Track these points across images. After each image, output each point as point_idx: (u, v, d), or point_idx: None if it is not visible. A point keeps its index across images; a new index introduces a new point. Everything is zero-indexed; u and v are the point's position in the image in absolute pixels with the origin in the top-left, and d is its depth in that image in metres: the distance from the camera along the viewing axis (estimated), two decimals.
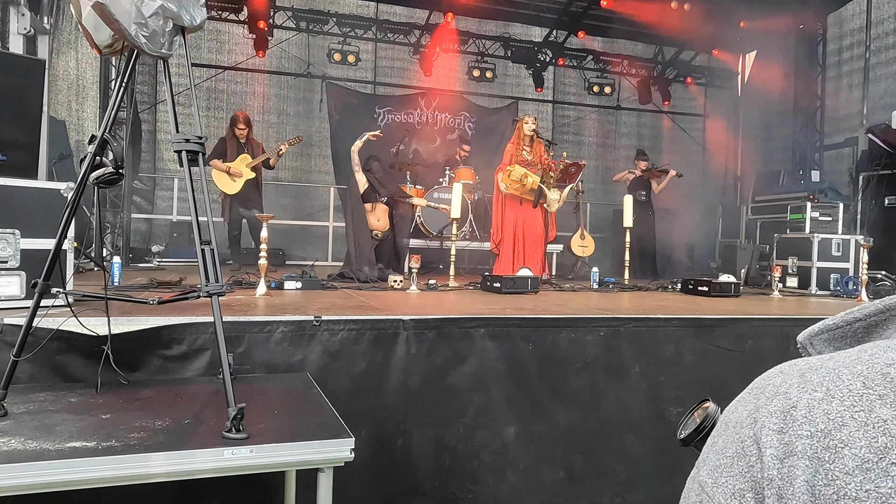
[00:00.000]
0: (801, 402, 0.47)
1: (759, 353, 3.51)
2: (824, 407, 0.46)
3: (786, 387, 0.49)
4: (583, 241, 8.29)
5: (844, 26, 9.55)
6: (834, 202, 7.39)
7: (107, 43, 2.11)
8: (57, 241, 2.03)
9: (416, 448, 2.94)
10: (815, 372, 0.49)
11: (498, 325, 3.17)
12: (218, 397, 1.93)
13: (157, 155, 9.86)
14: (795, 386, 0.49)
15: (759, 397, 0.51)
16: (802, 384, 0.48)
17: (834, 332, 0.58)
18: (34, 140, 3.31)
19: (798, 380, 0.49)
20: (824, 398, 0.46)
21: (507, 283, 5.00)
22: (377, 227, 5.99)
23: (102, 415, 1.96)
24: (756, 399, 0.51)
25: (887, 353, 0.48)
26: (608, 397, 3.28)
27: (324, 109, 10.45)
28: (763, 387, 0.52)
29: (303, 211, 9.27)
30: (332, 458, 1.81)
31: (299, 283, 4.67)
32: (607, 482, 3.24)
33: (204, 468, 1.71)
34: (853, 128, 9.03)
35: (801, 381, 0.49)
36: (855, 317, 0.57)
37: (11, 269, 2.88)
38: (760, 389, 0.51)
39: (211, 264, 1.94)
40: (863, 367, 0.47)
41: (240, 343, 2.74)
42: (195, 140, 2.06)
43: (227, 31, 10.08)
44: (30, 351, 2.08)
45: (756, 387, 0.53)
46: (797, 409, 0.47)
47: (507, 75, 11.26)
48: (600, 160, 12.02)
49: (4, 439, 1.69)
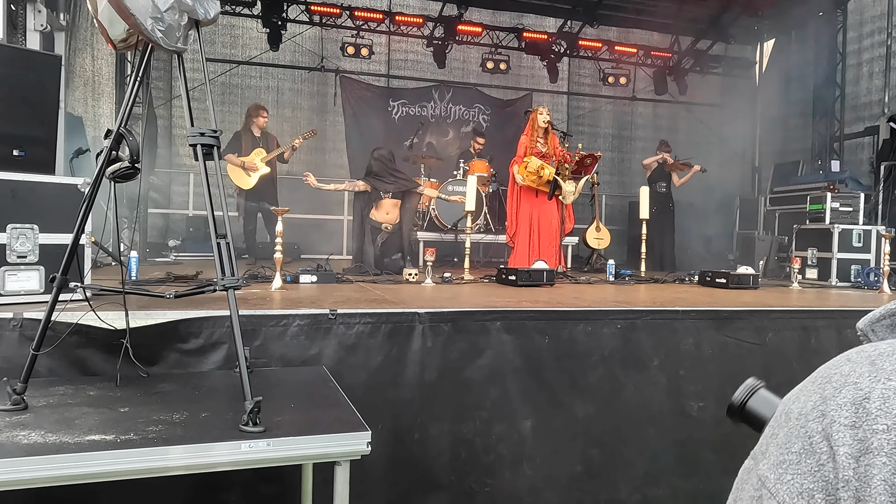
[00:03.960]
0: (875, 392, 0.43)
1: (779, 346, 3.46)
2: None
3: (855, 376, 0.45)
4: (598, 234, 8.23)
5: (865, 13, 9.37)
6: (854, 192, 7.27)
7: (122, 37, 2.11)
8: (74, 235, 2.04)
9: (432, 442, 2.93)
10: (887, 359, 0.45)
11: (514, 317, 3.16)
12: (235, 391, 1.93)
13: (173, 150, 9.91)
14: (867, 375, 0.45)
15: (825, 387, 0.46)
16: (874, 373, 0.44)
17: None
18: (52, 136, 3.33)
19: (869, 367, 0.45)
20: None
21: (522, 275, 4.97)
22: (386, 220, 5.98)
23: (121, 408, 1.97)
24: (822, 389, 0.46)
25: None
26: (626, 391, 3.25)
27: (338, 103, 10.45)
28: (829, 376, 0.47)
29: (318, 205, 9.27)
30: (349, 451, 1.80)
31: (314, 276, 4.68)
32: (626, 477, 3.21)
33: (222, 461, 1.71)
34: (874, 116, 8.88)
35: (873, 368, 0.45)
36: None
37: (31, 264, 2.91)
38: (826, 379, 0.47)
39: (227, 258, 1.94)
40: None
41: (256, 336, 2.75)
42: (210, 134, 2.06)
43: (240, 25, 10.09)
44: (49, 345, 2.10)
45: (821, 375, 0.48)
46: (870, 401, 0.43)
47: (521, 67, 11.18)
48: (616, 152, 11.92)
49: (25, 432, 1.71)
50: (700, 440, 3.30)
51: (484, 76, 10.81)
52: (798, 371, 3.36)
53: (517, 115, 10.77)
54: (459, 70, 11.02)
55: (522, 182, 6.16)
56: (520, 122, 10.09)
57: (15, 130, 3.13)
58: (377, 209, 6.00)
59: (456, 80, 10.94)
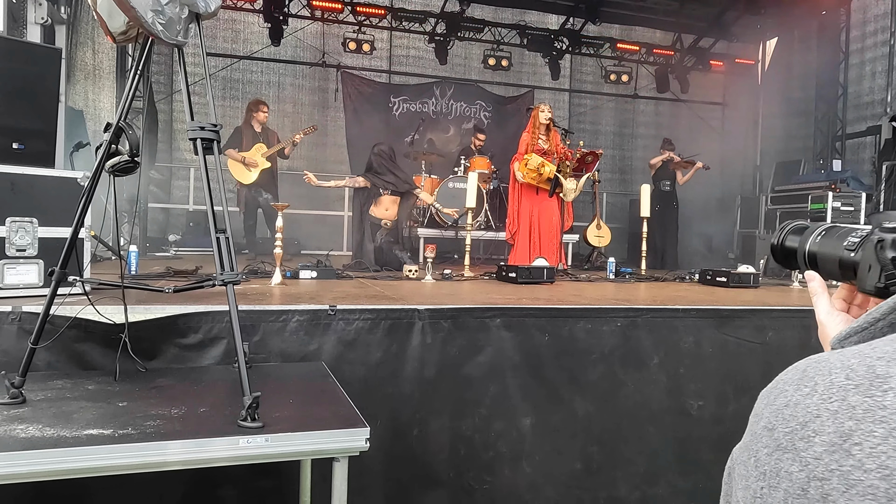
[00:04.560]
0: (793, 399, 0.51)
1: (779, 345, 3.45)
2: (807, 402, 0.50)
3: (785, 384, 0.53)
4: (599, 231, 8.22)
5: (868, 12, 9.34)
6: (856, 191, 7.26)
7: (121, 30, 2.10)
8: (73, 229, 2.03)
9: (431, 438, 2.93)
10: (816, 367, 0.52)
11: (514, 314, 3.15)
12: (234, 386, 1.92)
13: (174, 144, 9.90)
14: (793, 383, 0.53)
15: (769, 394, 0.54)
16: (799, 381, 0.52)
17: (862, 334, 0.60)
18: (51, 129, 3.32)
19: (799, 376, 0.53)
20: (810, 393, 0.50)
21: (522, 272, 4.96)
22: (386, 216, 5.98)
23: (119, 402, 1.97)
24: (767, 395, 0.54)
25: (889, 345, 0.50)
26: (626, 388, 3.24)
27: (339, 99, 10.43)
28: (776, 382, 0.55)
29: (318, 200, 9.26)
30: (348, 447, 1.80)
31: (314, 272, 4.67)
32: (626, 474, 3.21)
33: (219, 456, 1.71)
34: (876, 116, 8.85)
35: (801, 377, 0.52)
36: (874, 317, 0.59)
37: (30, 258, 2.90)
38: (773, 384, 0.55)
39: (226, 252, 1.93)
40: (855, 360, 0.50)
41: (255, 332, 2.74)
42: (210, 128, 2.05)
43: (242, 20, 10.07)
44: (47, 339, 2.09)
45: (773, 381, 0.56)
46: (788, 407, 0.51)
47: (522, 63, 11.14)
48: (617, 149, 11.90)
49: (23, 426, 1.70)
50: (700, 438, 3.29)
51: (486, 73, 10.79)
52: None
53: (518, 112, 10.75)
54: (461, 66, 10.99)
55: (523, 179, 6.15)
56: (521, 119, 10.07)
57: (14, 123, 3.13)
58: (376, 206, 5.99)
59: (457, 76, 10.91)
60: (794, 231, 0.92)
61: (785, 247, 0.92)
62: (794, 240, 0.91)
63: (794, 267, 0.91)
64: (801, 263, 0.88)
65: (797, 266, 0.90)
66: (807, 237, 0.88)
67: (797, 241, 0.90)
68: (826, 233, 0.86)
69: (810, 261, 0.87)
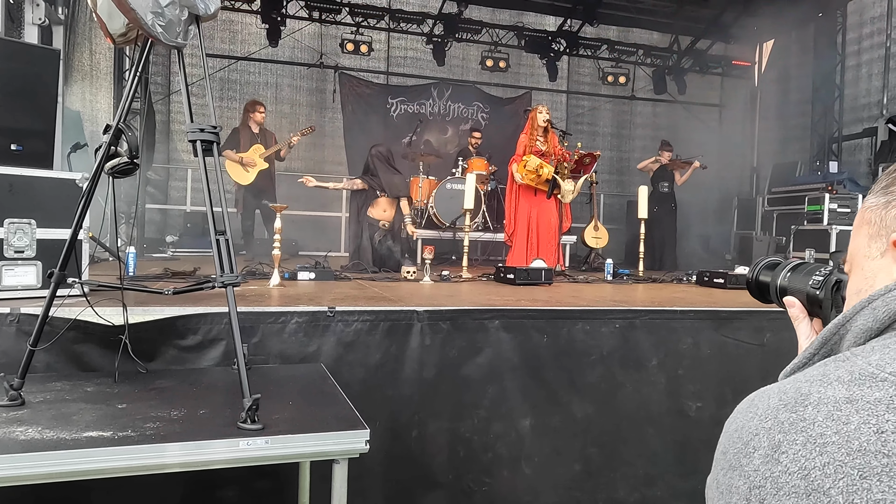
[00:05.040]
0: (741, 423, 0.59)
1: (777, 346, 3.46)
2: (749, 424, 0.58)
3: (737, 413, 0.62)
4: (596, 233, 8.22)
5: (865, 14, 9.37)
6: (853, 193, 7.29)
7: (121, 32, 2.10)
8: (72, 231, 2.03)
9: (430, 440, 2.93)
10: (760, 395, 0.61)
11: (512, 316, 3.15)
12: (233, 387, 1.92)
13: (171, 145, 9.88)
14: (742, 411, 0.61)
15: (727, 423, 0.64)
16: (747, 409, 0.61)
17: (802, 368, 0.68)
18: (50, 130, 3.31)
19: (747, 405, 0.62)
20: (752, 416, 0.58)
21: (520, 274, 4.97)
22: (383, 217, 5.98)
23: (119, 404, 1.96)
24: (727, 424, 0.64)
25: (817, 369, 0.59)
26: (625, 390, 3.25)
27: (337, 100, 10.43)
28: (733, 412, 0.64)
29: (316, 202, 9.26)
30: (348, 449, 1.80)
31: (313, 273, 4.67)
32: (625, 476, 3.21)
33: (219, 458, 1.71)
34: (872, 117, 8.88)
35: (749, 405, 0.61)
36: (810, 352, 0.68)
37: (28, 259, 2.89)
38: (731, 415, 0.64)
39: (226, 254, 1.94)
40: (789, 384, 0.59)
41: (254, 333, 2.74)
42: (209, 130, 2.05)
43: (239, 21, 10.06)
44: (47, 340, 2.09)
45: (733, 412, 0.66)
46: (737, 431, 0.59)
47: (520, 65, 11.15)
48: (615, 151, 11.91)
49: (22, 428, 1.70)
50: (699, 440, 3.30)
51: (483, 74, 10.79)
52: None
53: (516, 113, 10.76)
54: (459, 68, 10.99)
55: (521, 181, 6.15)
56: (519, 121, 10.09)
57: (13, 124, 3.12)
58: (374, 207, 6.00)
59: (455, 77, 10.91)
60: (767, 266, 0.99)
61: (759, 281, 1.00)
62: (768, 275, 0.98)
63: (768, 301, 0.99)
64: (773, 297, 0.96)
65: (771, 300, 0.97)
66: (777, 273, 0.95)
67: (769, 276, 0.97)
68: (794, 269, 0.92)
69: (781, 295, 0.95)
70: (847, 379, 0.55)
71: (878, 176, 3.36)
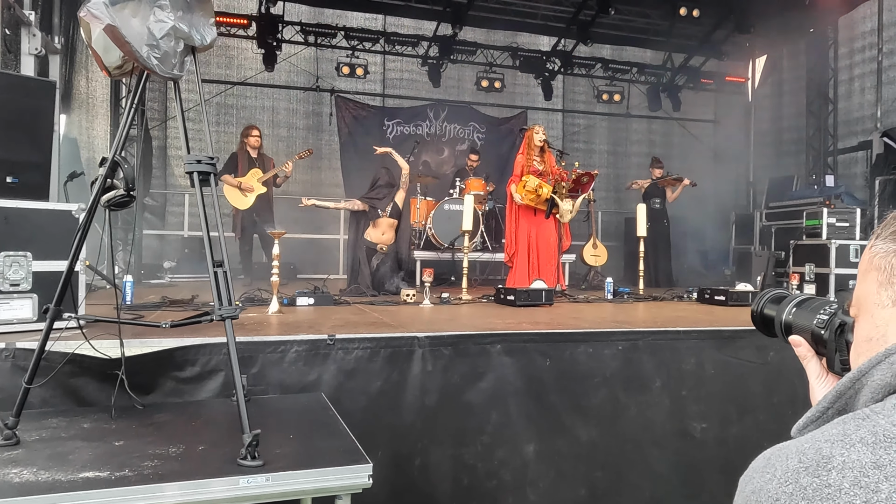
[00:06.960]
0: (758, 485, 0.58)
1: (781, 365, 3.42)
2: (768, 487, 0.56)
3: (753, 471, 0.61)
4: (595, 251, 8.22)
5: (856, 29, 9.46)
6: (851, 207, 7.28)
7: (116, 64, 2.09)
8: (69, 265, 2.01)
9: (434, 468, 2.89)
10: (777, 454, 0.60)
11: (514, 340, 3.12)
12: (232, 421, 1.89)
13: (168, 171, 9.89)
14: (759, 470, 0.60)
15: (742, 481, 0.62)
16: (763, 468, 0.59)
17: (817, 423, 0.66)
18: (46, 161, 3.30)
19: (763, 464, 0.60)
20: (770, 478, 0.57)
21: (521, 295, 4.94)
22: (381, 240, 5.95)
23: (116, 442, 1.93)
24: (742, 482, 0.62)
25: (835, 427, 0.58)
26: (629, 412, 3.21)
27: (333, 123, 10.46)
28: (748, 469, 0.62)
29: (313, 224, 9.25)
30: (350, 484, 1.76)
31: (311, 298, 4.64)
32: (631, 499, 3.16)
33: (219, 498, 1.67)
34: (867, 131, 8.92)
35: (765, 465, 0.59)
36: (824, 406, 0.66)
37: (24, 292, 2.87)
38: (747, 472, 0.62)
39: (224, 287, 1.91)
40: (807, 444, 0.57)
41: (253, 363, 2.70)
42: (207, 161, 2.04)
43: (235, 46, 10.12)
44: (43, 376, 2.05)
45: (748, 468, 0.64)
46: (754, 493, 0.58)
47: (515, 84, 11.21)
48: (611, 168, 11.94)
49: (17, 470, 1.66)
50: (704, 461, 3.25)
51: (479, 94, 10.84)
52: (800, 390, 3.33)
53: (512, 132, 10.80)
54: (454, 89, 11.04)
55: (521, 201, 6.14)
56: (515, 140, 10.12)
57: (9, 156, 3.11)
58: (374, 227, 5.97)
59: (451, 98, 10.96)
60: (772, 300, 0.96)
61: (764, 314, 0.97)
62: (773, 308, 0.96)
63: (772, 334, 0.96)
64: (778, 332, 0.93)
65: (775, 334, 0.94)
66: (783, 308, 0.93)
67: (774, 310, 0.95)
68: (799, 305, 0.90)
69: (786, 330, 0.92)
70: (871, 441, 0.53)
71: (874, 189, 3.33)
